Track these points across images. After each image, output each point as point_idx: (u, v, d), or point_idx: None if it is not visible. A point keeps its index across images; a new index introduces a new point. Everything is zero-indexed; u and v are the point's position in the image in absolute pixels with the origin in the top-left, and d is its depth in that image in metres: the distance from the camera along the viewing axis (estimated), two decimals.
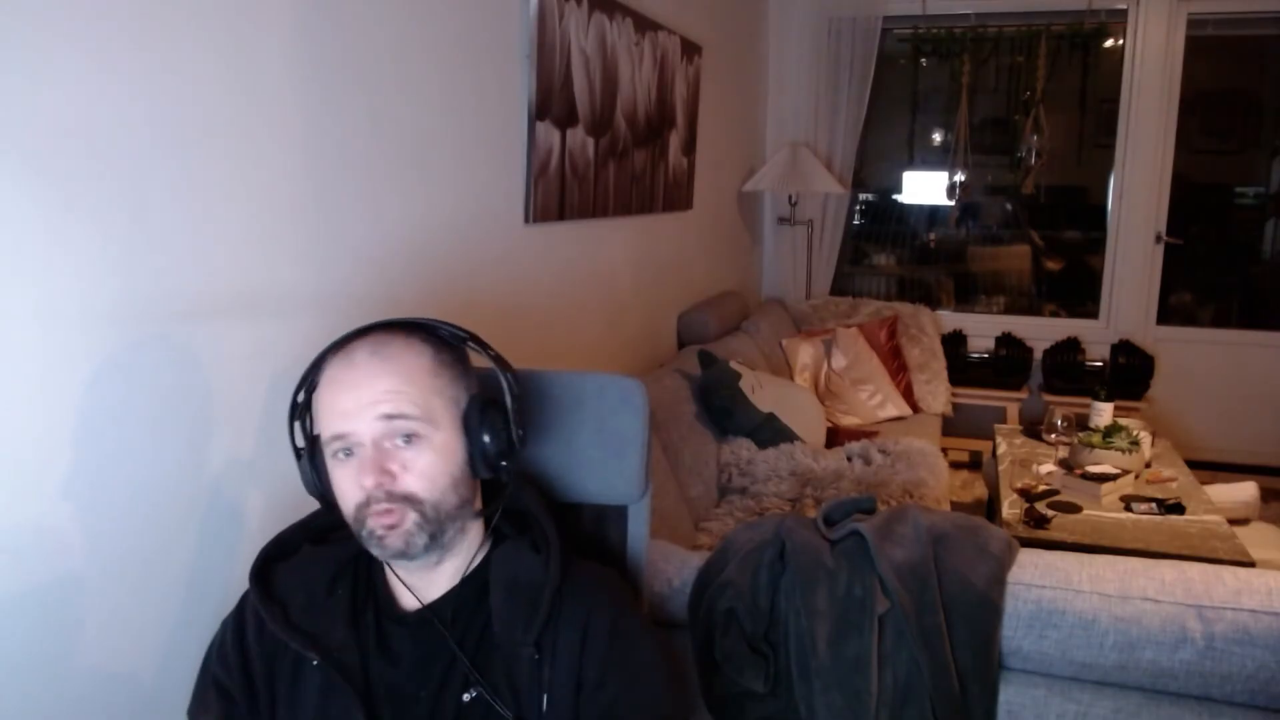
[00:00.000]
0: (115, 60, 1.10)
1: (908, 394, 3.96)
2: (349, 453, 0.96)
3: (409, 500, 0.95)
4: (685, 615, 1.58)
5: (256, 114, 1.33)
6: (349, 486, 0.96)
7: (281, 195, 1.39)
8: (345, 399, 0.95)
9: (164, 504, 1.22)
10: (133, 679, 1.20)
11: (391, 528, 0.95)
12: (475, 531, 1.05)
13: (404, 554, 0.96)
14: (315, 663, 0.98)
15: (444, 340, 1.03)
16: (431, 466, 0.97)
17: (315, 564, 1.06)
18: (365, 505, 0.95)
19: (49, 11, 1.02)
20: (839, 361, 3.82)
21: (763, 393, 2.92)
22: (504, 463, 1.02)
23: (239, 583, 1.32)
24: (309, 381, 1.02)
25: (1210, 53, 4.19)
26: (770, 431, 2.83)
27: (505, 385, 1.03)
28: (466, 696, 0.98)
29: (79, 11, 1.05)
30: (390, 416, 0.95)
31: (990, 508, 3.19)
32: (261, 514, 1.38)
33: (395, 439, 0.95)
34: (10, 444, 1.02)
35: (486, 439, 1.00)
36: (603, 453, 1.21)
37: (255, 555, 1.06)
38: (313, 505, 1.11)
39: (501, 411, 1.02)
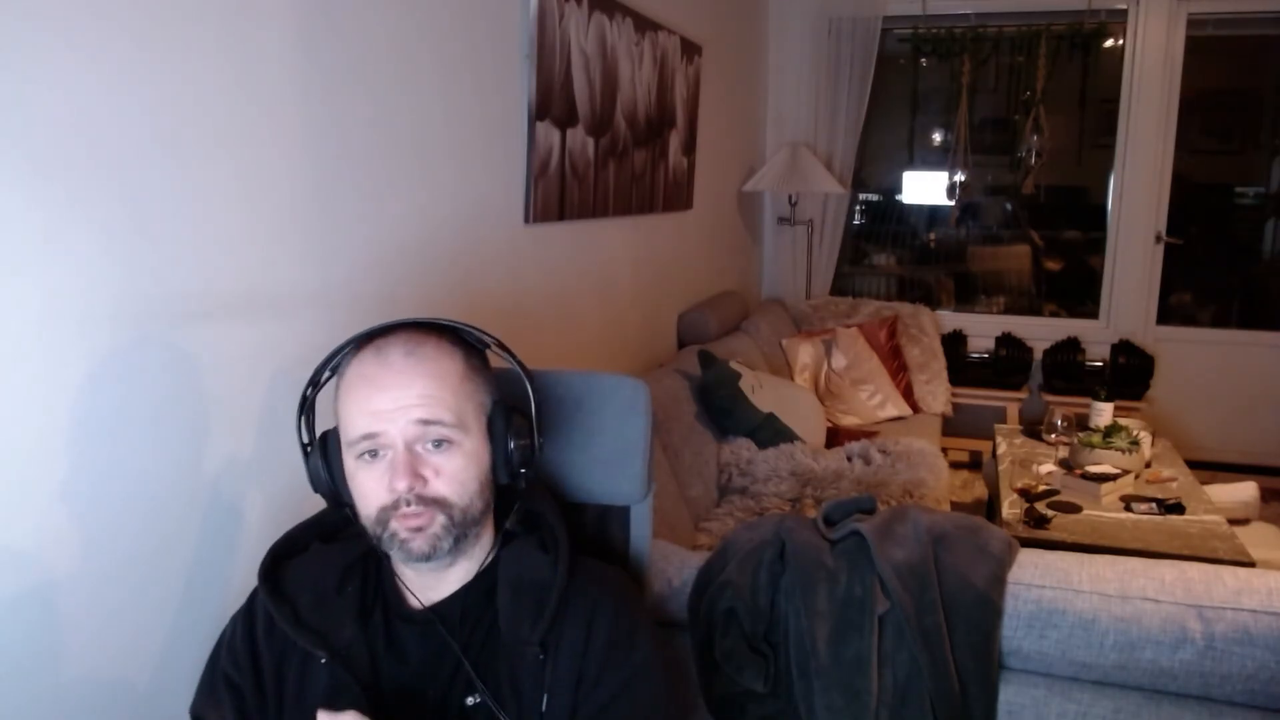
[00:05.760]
0: (115, 59, 1.10)
1: (908, 394, 3.96)
2: (375, 454, 0.95)
3: (439, 504, 0.95)
4: (685, 615, 1.58)
5: (256, 113, 1.33)
6: (375, 487, 0.96)
7: (282, 195, 1.39)
8: (380, 399, 0.94)
9: (163, 505, 1.22)
10: (128, 684, 1.20)
11: (418, 530, 0.95)
12: (488, 533, 1.05)
13: (428, 557, 0.96)
14: (323, 660, 0.98)
15: (469, 344, 1.03)
16: (462, 471, 0.97)
17: (325, 562, 1.05)
18: (392, 508, 0.95)
19: (49, 11, 1.02)
20: (839, 361, 3.82)
21: (763, 393, 2.92)
22: (524, 469, 1.03)
23: (238, 585, 1.32)
24: (319, 378, 1.02)
25: (1210, 53, 4.19)
26: (770, 431, 2.83)
27: (530, 393, 1.04)
28: (470, 700, 0.98)
29: (79, 11, 1.05)
30: (426, 422, 0.94)
31: (990, 508, 3.19)
32: (262, 514, 1.38)
33: (426, 442, 0.95)
34: (9, 444, 1.02)
35: (512, 446, 1.01)
36: (606, 453, 1.21)
37: (256, 556, 1.06)
38: (313, 505, 1.11)
39: (526, 418, 1.03)
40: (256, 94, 1.32)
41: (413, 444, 0.95)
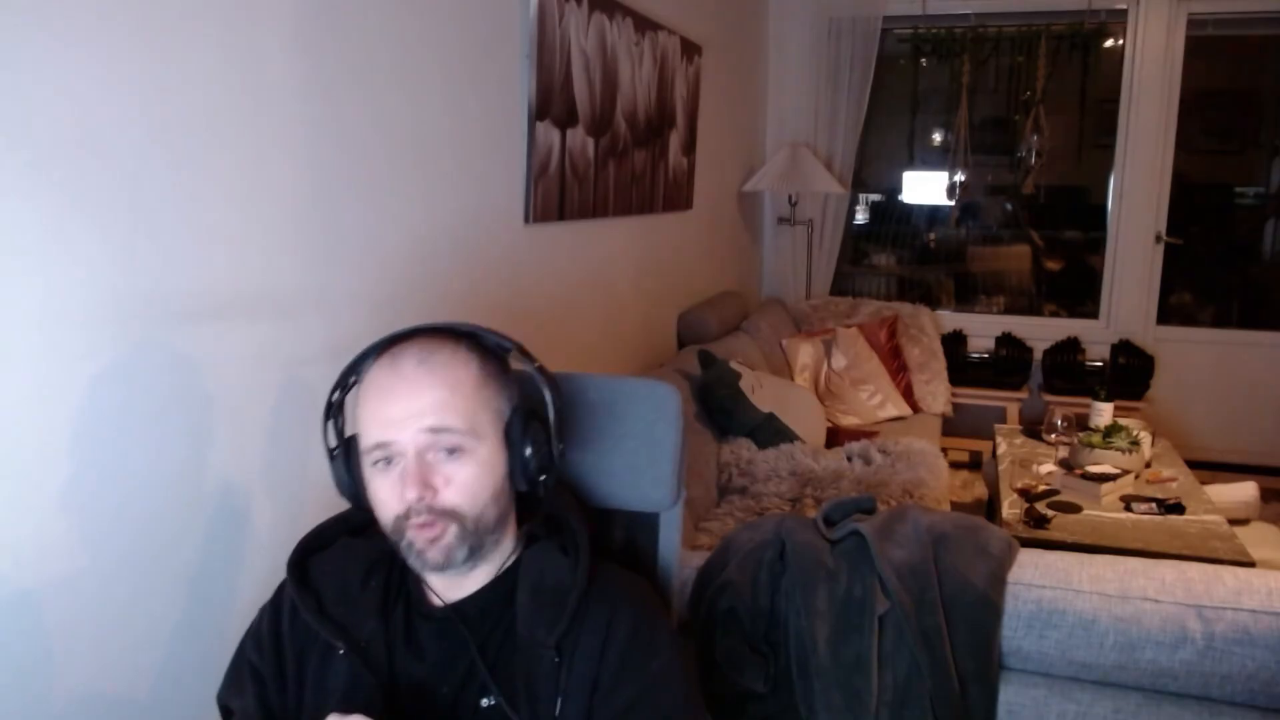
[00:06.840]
0: (116, 60, 1.10)
1: (908, 394, 3.96)
2: (389, 462, 0.95)
3: (450, 514, 0.95)
4: (685, 615, 1.58)
5: (257, 114, 1.33)
6: (388, 496, 0.96)
7: (282, 195, 1.39)
8: (391, 408, 0.94)
9: (165, 507, 1.22)
10: (128, 691, 1.19)
11: (433, 541, 0.95)
12: (510, 537, 1.05)
13: (443, 567, 0.96)
14: (341, 652, 0.99)
15: (488, 349, 1.03)
16: (474, 480, 0.96)
17: (351, 556, 1.06)
18: (405, 517, 0.95)
19: (49, 11, 1.02)
20: (839, 361, 3.82)
21: (763, 393, 2.92)
22: (543, 477, 1.02)
23: (244, 590, 1.32)
24: (345, 382, 1.02)
25: (1210, 53, 4.19)
26: (770, 431, 2.83)
27: (549, 398, 1.03)
28: (485, 702, 0.98)
29: (79, 11, 1.05)
30: (436, 430, 0.94)
31: (990, 508, 3.19)
32: (267, 518, 1.38)
33: (438, 451, 0.95)
34: (10, 446, 1.02)
35: (528, 453, 1.00)
36: (635, 459, 1.18)
37: (261, 560, 1.07)
38: (319, 508, 1.11)
39: (544, 425, 1.02)
40: (256, 94, 1.32)
41: (424, 452, 0.94)
